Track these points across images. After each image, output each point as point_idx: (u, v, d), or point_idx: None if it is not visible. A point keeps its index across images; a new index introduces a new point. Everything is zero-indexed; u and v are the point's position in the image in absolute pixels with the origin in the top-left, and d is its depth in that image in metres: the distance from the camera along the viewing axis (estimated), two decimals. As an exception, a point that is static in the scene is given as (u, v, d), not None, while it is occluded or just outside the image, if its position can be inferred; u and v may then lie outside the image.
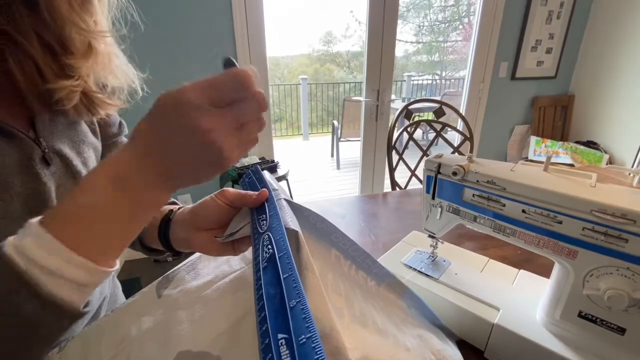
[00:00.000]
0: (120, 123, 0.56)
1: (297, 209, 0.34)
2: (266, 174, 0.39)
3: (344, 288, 0.34)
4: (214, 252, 0.37)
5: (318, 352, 0.19)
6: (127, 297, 0.44)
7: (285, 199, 0.34)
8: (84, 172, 0.46)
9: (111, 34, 0.41)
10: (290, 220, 0.30)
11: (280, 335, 0.20)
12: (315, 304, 0.25)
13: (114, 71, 0.43)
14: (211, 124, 0.25)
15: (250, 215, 0.34)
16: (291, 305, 0.21)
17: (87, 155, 0.47)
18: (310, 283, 0.26)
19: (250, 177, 0.41)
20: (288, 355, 0.19)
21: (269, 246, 0.26)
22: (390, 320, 0.37)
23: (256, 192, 0.35)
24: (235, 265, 0.37)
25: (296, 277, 0.23)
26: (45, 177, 0.39)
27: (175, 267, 0.39)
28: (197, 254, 0.41)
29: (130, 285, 1.52)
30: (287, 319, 0.21)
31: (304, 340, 0.20)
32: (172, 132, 0.25)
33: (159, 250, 0.47)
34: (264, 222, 0.31)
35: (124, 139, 0.58)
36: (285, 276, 0.23)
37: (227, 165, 0.27)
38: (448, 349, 0.41)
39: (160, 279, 0.38)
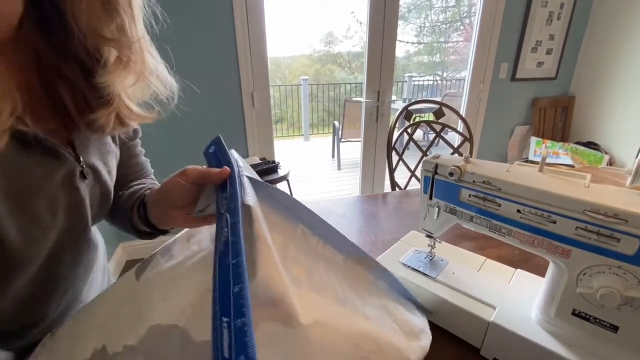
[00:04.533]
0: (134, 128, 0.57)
1: (260, 186, 0.35)
2: (234, 153, 0.40)
3: (306, 260, 0.36)
4: (193, 225, 0.41)
5: (248, 335, 0.20)
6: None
7: (247, 176, 0.35)
8: (109, 181, 0.48)
9: (143, 40, 0.40)
10: (249, 197, 0.32)
11: (224, 319, 0.21)
12: (266, 271, 0.27)
13: (149, 80, 0.43)
14: None
15: (215, 194, 0.36)
16: (235, 291, 0.23)
17: (112, 165, 0.49)
18: (261, 253, 0.28)
19: (212, 148, 0.41)
20: (228, 337, 0.21)
21: (226, 229, 0.28)
22: (353, 290, 0.39)
23: (217, 170, 0.36)
24: (205, 245, 0.38)
25: (242, 262, 0.25)
26: (83, 190, 0.42)
27: (153, 252, 0.41)
28: (172, 238, 0.42)
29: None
30: (230, 303, 0.22)
31: (240, 324, 0.21)
32: None
33: (149, 232, 0.50)
34: (225, 201, 0.32)
35: (138, 141, 0.59)
36: (234, 261, 0.25)
37: None
38: (413, 318, 0.42)
39: (139, 264, 0.40)
